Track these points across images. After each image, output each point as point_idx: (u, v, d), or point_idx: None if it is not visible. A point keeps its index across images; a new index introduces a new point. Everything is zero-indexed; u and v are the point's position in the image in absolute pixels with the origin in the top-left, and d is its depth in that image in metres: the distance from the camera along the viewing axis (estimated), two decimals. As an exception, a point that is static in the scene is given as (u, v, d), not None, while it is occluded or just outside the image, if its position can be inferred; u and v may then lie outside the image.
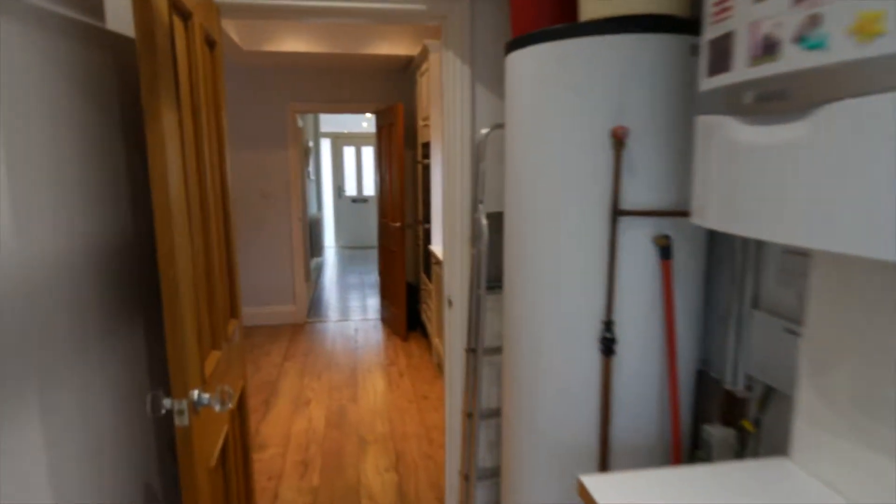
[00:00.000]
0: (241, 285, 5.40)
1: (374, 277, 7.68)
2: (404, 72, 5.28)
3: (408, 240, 5.17)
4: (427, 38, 4.41)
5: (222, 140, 1.77)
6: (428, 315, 4.60)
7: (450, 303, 2.18)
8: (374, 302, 6.32)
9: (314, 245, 8.07)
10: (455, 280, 2.16)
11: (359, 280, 7.54)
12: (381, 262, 5.39)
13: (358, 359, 4.48)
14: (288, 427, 3.37)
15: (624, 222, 1.37)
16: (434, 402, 3.70)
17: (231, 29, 3.99)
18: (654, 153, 1.35)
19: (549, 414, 1.52)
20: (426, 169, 4.50)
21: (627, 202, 1.37)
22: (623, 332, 1.42)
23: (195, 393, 1.25)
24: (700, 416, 1.58)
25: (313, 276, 7.57)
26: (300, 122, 6.92)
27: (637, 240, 1.39)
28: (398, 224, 4.71)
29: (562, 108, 1.40)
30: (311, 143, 8.26)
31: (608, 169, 1.35)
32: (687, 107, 1.35)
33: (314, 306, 6.14)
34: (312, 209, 8.56)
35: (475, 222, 1.98)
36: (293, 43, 4.40)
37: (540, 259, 1.49)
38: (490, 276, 2.03)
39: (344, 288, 7.11)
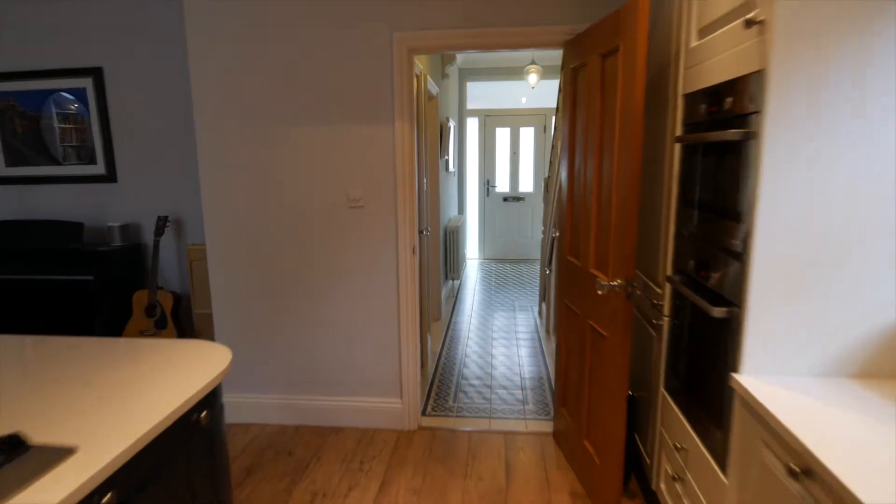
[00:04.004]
0: (308, 363, 2.73)
1: (530, 316, 5.03)
2: (626, -42, 2.49)
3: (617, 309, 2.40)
4: None
5: None
6: (677, 493, 1.83)
7: None
8: (532, 372, 3.69)
9: (450, 264, 5.63)
10: None
11: (509, 319, 4.93)
12: (564, 340, 2.68)
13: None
14: None
15: None
16: None
17: None
18: None
19: None
20: (700, 156, 1.72)
21: None
22: None
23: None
24: None
25: (444, 312, 5.12)
26: (434, 89, 4.42)
27: None
28: (617, 282, 1.98)
29: None
30: (451, 122, 5.77)
31: None
32: None
33: (440, 378, 3.66)
34: (451, 212, 6.12)
35: None
36: None
37: None
38: None
39: (487, 335, 4.55)
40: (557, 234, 3.41)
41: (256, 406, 3.04)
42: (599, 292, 2.01)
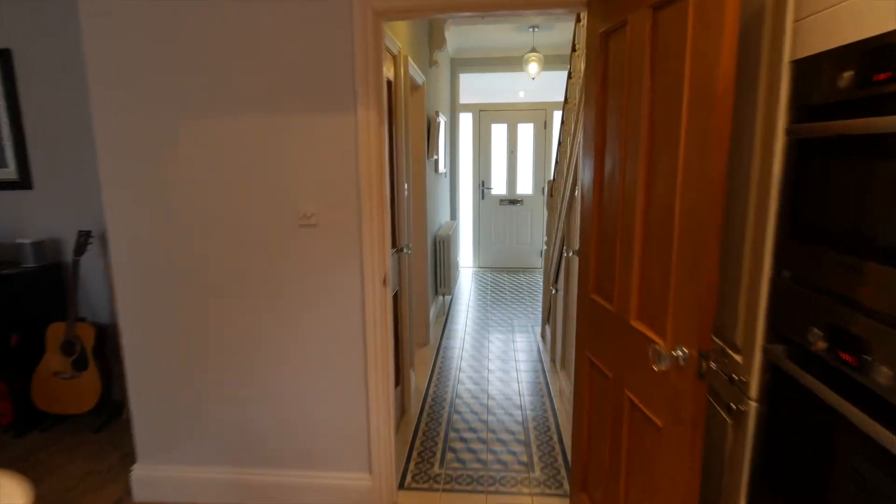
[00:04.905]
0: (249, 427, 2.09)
1: (531, 339, 4.32)
2: None
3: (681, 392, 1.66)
4: None
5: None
6: None
7: None
8: (537, 417, 2.99)
9: (440, 278, 4.93)
10: None
11: (507, 343, 4.22)
12: (588, 408, 1.95)
13: None
14: None
15: None
16: None
17: None
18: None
19: None
20: (833, 157, 1.02)
21: None
22: None
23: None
24: None
25: (433, 335, 4.42)
26: (420, 77, 3.71)
27: None
28: (682, 352, 1.28)
29: None
30: (441, 118, 5.07)
31: None
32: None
33: (425, 429, 2.96)
34: (441, 218, 5.42)
35: None
36: None
37: None
38: None
39: (482, 364, 3.84)
40: (570, 254, 2.71)
41: (184, 482, 2.32)
42: (656, 367, 1.30)
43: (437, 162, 4.91)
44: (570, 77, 3.33)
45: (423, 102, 3.92)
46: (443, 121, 5.25)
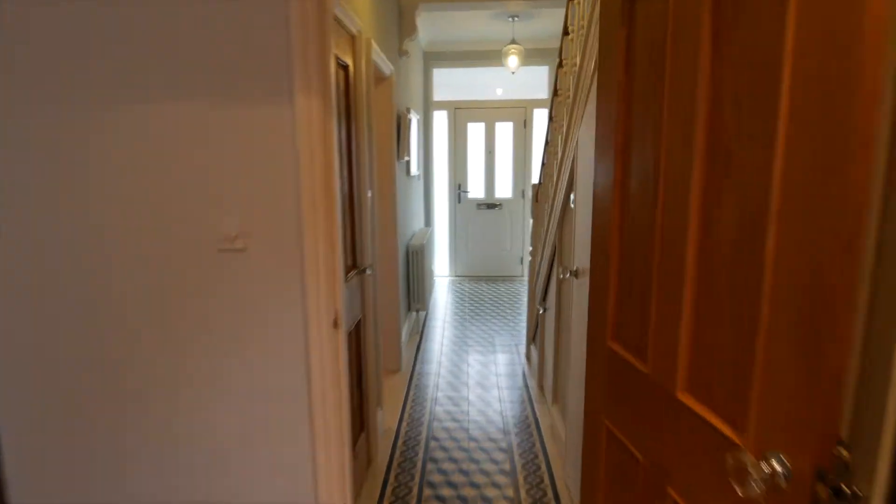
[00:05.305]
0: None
1: (514, 359, 3.86)
2: None
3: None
4: None
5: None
6: None
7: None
8: (527, 462, 2.53)
9: (413, 292, 4.45)
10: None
11: (488, 366, 3.75)
12: (604, 491, 1.49)
13: None
14: None
15: None
16: None
17: None
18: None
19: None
20: None
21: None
22: None
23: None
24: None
25: (406, 358, 3.95)
26: (387, 67, 3.22)
27: None
28: (783, 466, 0.82)
29: None
30: (413, 115, 4.59)
31: None
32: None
33: (395, 484, 2.47)
34: (415, 225, 4.94)
35: None
36: None
37: None
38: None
39: (461, 394, 3.36)
40: (567, 276, 2.26)
41: (77, 582, 1.79)
42: (740, 491, 0.85)
43: (408, 164, 4.42)
44: (560, 66, 2.89)
45: (390, 96, 3.43)
46: (415, 119, 4.76)
